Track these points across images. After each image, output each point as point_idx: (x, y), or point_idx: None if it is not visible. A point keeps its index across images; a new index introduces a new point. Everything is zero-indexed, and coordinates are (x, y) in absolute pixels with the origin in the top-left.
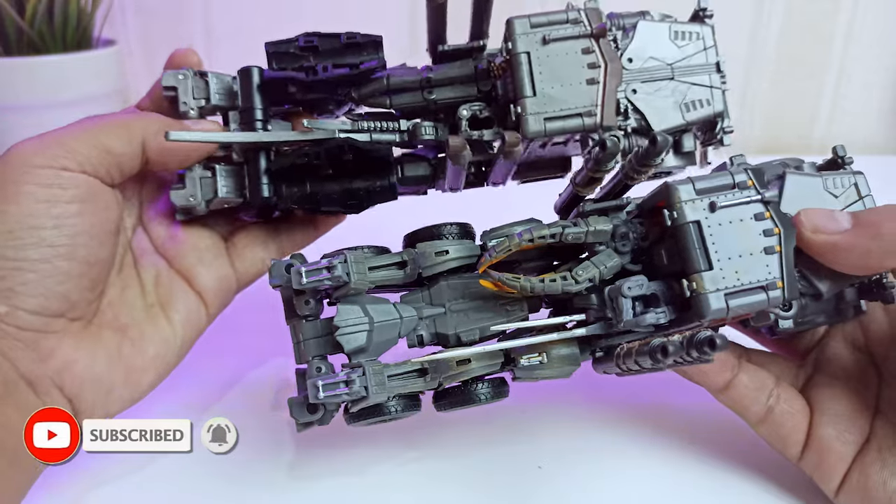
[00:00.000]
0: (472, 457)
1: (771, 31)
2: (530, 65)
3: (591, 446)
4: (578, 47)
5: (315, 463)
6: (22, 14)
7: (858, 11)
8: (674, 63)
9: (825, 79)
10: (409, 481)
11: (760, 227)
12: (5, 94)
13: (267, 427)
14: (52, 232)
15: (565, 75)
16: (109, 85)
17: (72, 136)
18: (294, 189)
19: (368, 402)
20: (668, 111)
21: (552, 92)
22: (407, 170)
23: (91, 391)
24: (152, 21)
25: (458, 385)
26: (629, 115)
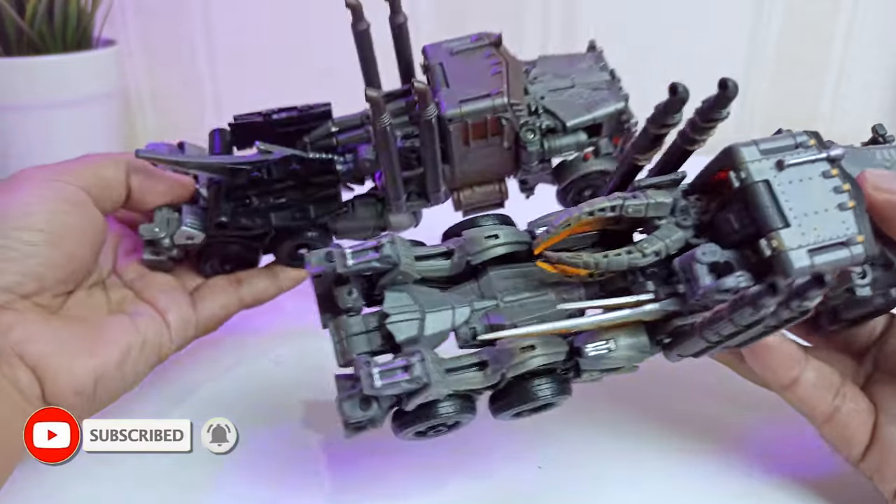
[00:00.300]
0: (472, 456)
1: (771, 31)
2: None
3: (591, 446)
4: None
5: (314, 462)
6: (22, 14)
7: (858, 11)
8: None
9: (825, 79)
10: (409, 481)
11: (830, 184)
12: (5, 94)
13: (267, 427)
14: (44, 219)
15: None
16: (109, 85)
17: (72, 162)
18: (247, 209)
19: (428, 394)
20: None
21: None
22: (358, 211)
23: (55, 357)
24: (152, 21)
25: (518, 383)
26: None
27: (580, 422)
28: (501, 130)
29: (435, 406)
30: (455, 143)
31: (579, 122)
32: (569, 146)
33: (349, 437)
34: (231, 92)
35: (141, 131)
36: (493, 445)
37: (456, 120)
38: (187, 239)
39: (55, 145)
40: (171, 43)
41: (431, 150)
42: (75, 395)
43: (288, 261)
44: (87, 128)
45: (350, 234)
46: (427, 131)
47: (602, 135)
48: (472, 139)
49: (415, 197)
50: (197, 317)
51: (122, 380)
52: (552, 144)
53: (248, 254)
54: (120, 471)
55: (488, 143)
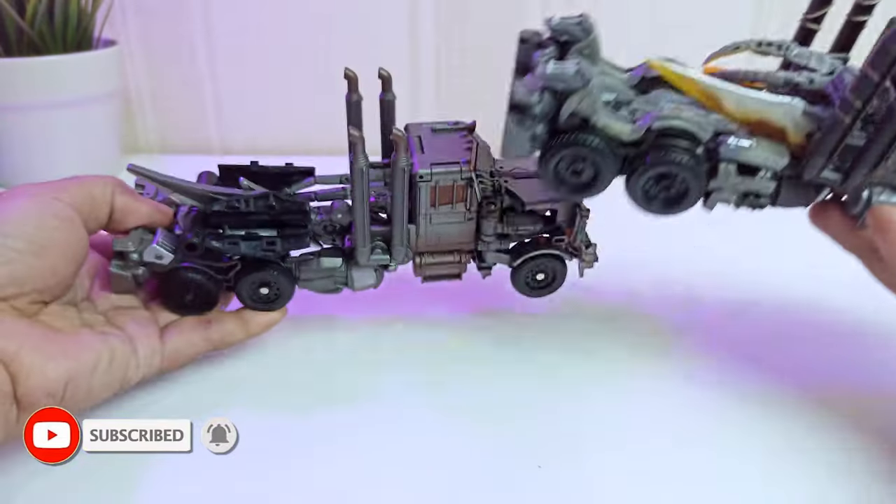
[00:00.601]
0: (472, 456)
1: (771, 31)
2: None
3: (591, 446)
4: None
5: (314, 463)
6: (22, 14)
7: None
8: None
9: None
10: (407, 481)
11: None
12: (5, 94)
13: (267, 427)
14: (33, 230)
15: None
16: (109, 85)
17: (65, 181)
18: (218, 236)
19: (587, 98)
20: None
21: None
22: (323, 262)
23: (29, 356)
24: (152, 21)
25: (658, 145)
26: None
27: (580, 421)
28: (466, 199)
29: (583, 135)
30: (423, 202)
31: (537, 206)
32: (525, 224)
33: (514, 120)
34: (231, 92)
35: (141, 131)
36: (493, 445)
37: (426, 178)
38: (156, 257)
39: (55, 145)
40: (171, 43)
41: (400, 198)
42: (46, 397)
43: (249, 299)
44: (87, 128)
45: (312, 282)
46: (398, 178)
47: (556, 220)
48: (438, 202)
49: (379, 251)
50: (164, 349)
51: (89, 391)
52: (510, 220)
53: (211, 286)
54: (119, 470)
55: (453, 210)
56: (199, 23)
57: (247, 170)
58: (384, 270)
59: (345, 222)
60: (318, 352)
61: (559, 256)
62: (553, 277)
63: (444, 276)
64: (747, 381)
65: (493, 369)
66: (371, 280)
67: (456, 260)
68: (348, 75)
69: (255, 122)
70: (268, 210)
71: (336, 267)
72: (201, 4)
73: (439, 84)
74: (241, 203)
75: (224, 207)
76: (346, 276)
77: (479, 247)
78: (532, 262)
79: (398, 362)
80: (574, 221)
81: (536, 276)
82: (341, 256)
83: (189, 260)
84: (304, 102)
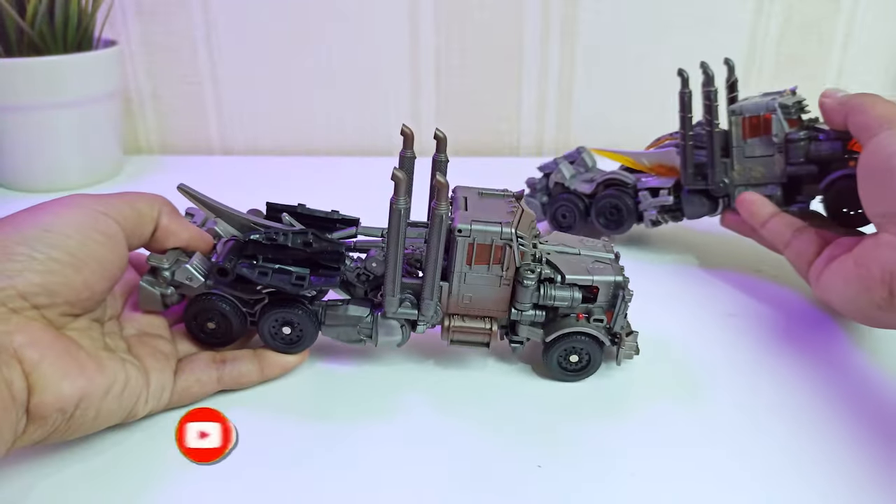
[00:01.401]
0: (471, 455)
1: (771, 31)
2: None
3: (591, 446)
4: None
5: (314, 462)
6: (23, 15)
7: (858, 11)
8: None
9: (825, 79)
10: (407, 481)
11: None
12: (5, 95)
13: (267, 427)
14: (76, 244)
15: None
16: (110, 85)
17: (114, 196)
18: (251, 265)
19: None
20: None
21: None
22: (350, 309)
23: (49, 369)
24: (152, 21)
25: None
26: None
27: (580, 421)
28: (503, 261)
29: (566, 194)
30: (458, 259)
31: (578, 279)
32: (563, 298)
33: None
34: (231, 92)
35: (141, 131)
36: (493, 445)
37: (464, 233)
38: (186, 278)
39: (55, 145)
40: (171, 43)
41: (436, 246)
42: (57, 412)
43: (269, 337)
44: (87, 128)
45: (335, 329)
46: (436, 226)
47: (597, 301)
48: (474, 261)
49: (408, 304)
50: (174, 388)
51: (97, 415)
52: (548, 292)
53: (234, 318)
54: (117, 468)
55: (489, 272)
56: (199, 23)
57: (293, 210)
58: (411, 330)
59: (378, 272)
60: (321, 354)
61: (597, 338)
62: (588, 361)
63: (473, 343)
64: (749, 385)
65: (493, 372)
66: (396, 336)
67: (487, 327)
68: (405, 132)
69: (255, 122)
70: (304, 247)
71: (362, 317)
72: (201, 5)
73: (439, 84)
74: (279, 236)
75: (262, 238)
76: (371, 329)
77: (513, 316)
78: (567, 340)
79: (398, 364)
80: (615, 304)
81: (570, 358)
82: (370, 307)
83: (219, 287)
84: (305, 103)
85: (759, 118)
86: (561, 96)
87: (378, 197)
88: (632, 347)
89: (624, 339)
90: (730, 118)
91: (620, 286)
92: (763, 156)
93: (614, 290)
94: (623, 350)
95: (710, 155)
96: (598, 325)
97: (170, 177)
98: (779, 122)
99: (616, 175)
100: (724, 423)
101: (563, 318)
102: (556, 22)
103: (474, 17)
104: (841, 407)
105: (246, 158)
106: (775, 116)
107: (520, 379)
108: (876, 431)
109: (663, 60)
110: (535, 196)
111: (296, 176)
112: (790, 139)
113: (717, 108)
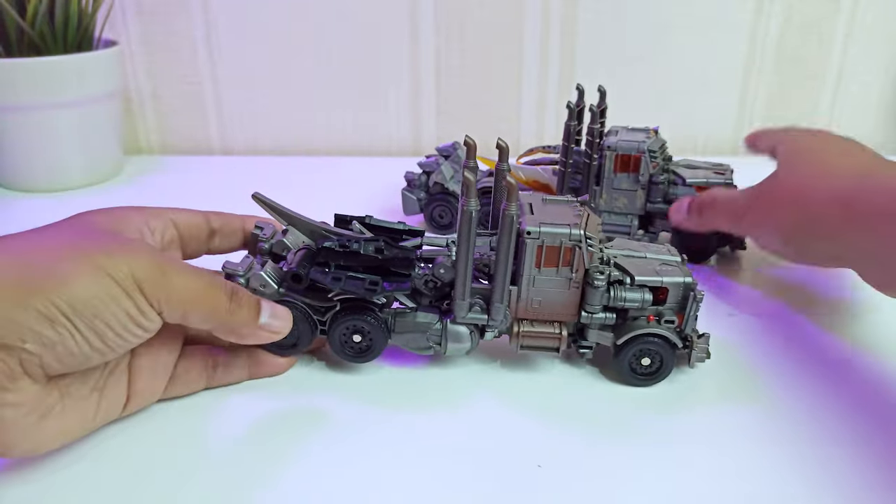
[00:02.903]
0: (471, 455)
1: (771, 31)
2: None
3: (591, 445)
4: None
5: (313, 464)
6: (23, 15)
7: (858, 11)
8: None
9: (825, 79)
10: (407, 481)
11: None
12: (5, 94)
13: (268, 425)
14: (113, 338)
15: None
16: (110, 85)
17: (162, 214)
18: (324, 271)
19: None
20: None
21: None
22: (419, 316)
23: (15, 434)
24: (152, 21)
25: None
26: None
27: (580, 421)
28: (572, 263)
29: (442, 194)
30: (527, 263)
31: (647, 280)
32: (634, 300)
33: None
34: (231, 92)
35: (141, 131)
36: (493, 444)
37: (533, 235)
38: (261, 285)
39: (55, 145)
40: (171, 43)
41: (506, 248)
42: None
43: (339, 345)
44: (87, 128)
45: (404, 336)
46: (506, 227)
47: (668, 303)
48: (543, 264)
49: (478, 308)
50: (165, 390)
51: (35, 448)
52: (618, 294)
53: (305, 324)
54: (115, 466)
55: (558, 274)
56: (199, 23)
57: (360, 221)
58: (480, 337)
59: (446, 279)
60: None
61: (670, 340)
62: (660, 364)
63: (542, 348)
64: (753, 385)
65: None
66: (466, 344)
67: (556, 332)
68: (468, 143)
69: (255, 122)
70: (377, 254)
71: (431, 323)
72: (201, 5)
73: (439, 84)
74: (352, 243)
75: (335, 245)
76: (440, 336)
77: (583, 319)
78: (640, 342)
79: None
80: (685, 306)
81: (642, 361)
82: (438, 314)
83: (290, 294)
84: (305, 102)
85: (629, 157)
86: (561, 96)
87: (379, 196)
88: (703, 350)
89: (695, 342)
90: (605, 152)
91: (690, 287)
92: (628, 190)
93: (684, 291)
94: (695, 353)
95: (585, 182)
96: (669, 326)
97: (170, 177)
98: (646, 164)
99: (492, 184)
100: (724, 426)
101: (632, 321)
102: (556, 22)
103: (474, 17)
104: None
105: (246, 158)
106: (644, 158)
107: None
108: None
109: (663, 60)
110: (412, 192)
111: (296, 176)
112: (653, 181)
113: (598, 143)
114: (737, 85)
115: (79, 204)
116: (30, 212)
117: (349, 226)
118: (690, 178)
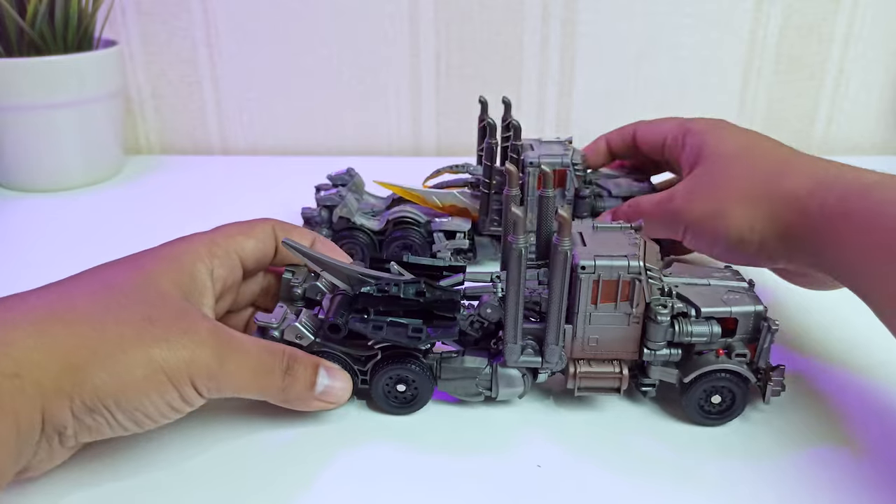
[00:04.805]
0: (470, 455)
1: (771, 32)
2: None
3: (591, 445)
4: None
5: (313, 465)
6: (23, 15)
7: (858, 11)
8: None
9: (825, 79)
10: (406, 482)
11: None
12: (5, 94)
13: (266, 426)
14: (148, 423)
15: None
16: (110, 85)
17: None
18: (363, 319)
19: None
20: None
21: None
22: (467, 360)
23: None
24: (152, 21)
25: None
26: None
27: (580, 421)
28: (632, 297)
29: (350, 230)
30: (582, 299)
31: (715, 311)
32: (702, 334)
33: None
34: (231, 92)
35: (141, 131)
36: (493, 445)
37: (588, 269)
38: (296, 337)
39: (55, 145)
40: (171, 43)
41: (559, 286)
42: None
43: (383, 397)
44: (87, 128)
45: (452, 383)
46: (559, 263)
47: (737, 335)
48: (600, 299)
49: (531, 350)
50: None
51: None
52: (683, 328)
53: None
54: (116, 473)
55: (616, 310)
56: (199, 23)
57: (398, 261)
58: (533, 379)
59: (493, 318)
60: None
61: (743, 375)
62: (732, 401)
63: (602, 389)
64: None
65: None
66: (518, 388)
67: (616, 371)
68: (510, 170)
69: (255, 122)
70: (418, 297)
71: (481, 368)
72: (201, 5)
73: (439, 84)
74: (392, 287)
75: (373, 290)
76: (490, 381)
77: (645, 357)
78: (709, 379)
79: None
80: (756, 337)
81: (711, 399)
82: (487, 357)
83: (328, 344)
84: (305, 103)
85: (554, 172)
86: (561, 96)
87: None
88: (779, 383)
89: (770, 375)
90: (527, 168)
91: (762, 316)
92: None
93: (755, 321)
94: (771, 386)
95: (486, 204)
96: (741, 360)
97: (170, 177)
98: (571, 178)
99: (407, 213)
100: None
101: (699, 356)
102: (556, 22)
103: (474, 18)
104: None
105: (246, 158)
106: (569, 172)
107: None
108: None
109: (663, 61)
110: (314, 229)
111: (296, 176)
112: (580, 196)
113: (520, 161)
114: (736, 85)
115: (79, 204)
116: (30, 212)
117: (386, 266)
118: (615, 189)
